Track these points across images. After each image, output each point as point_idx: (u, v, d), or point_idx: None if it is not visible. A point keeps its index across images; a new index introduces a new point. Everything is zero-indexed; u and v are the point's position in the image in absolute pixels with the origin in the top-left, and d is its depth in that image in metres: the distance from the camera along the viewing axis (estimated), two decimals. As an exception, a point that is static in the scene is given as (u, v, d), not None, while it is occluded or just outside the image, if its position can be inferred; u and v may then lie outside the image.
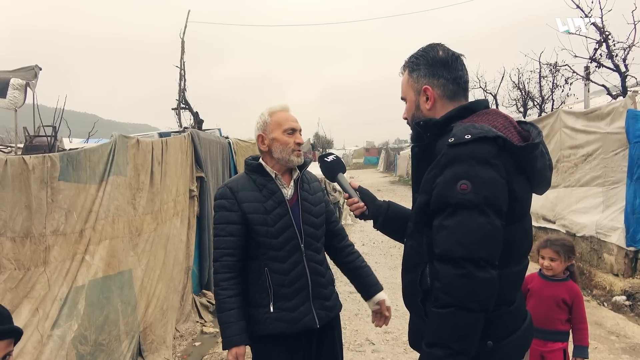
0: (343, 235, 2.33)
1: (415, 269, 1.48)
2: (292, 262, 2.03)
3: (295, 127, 2.09)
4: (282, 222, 2.03)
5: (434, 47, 1.55)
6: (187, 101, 7.91)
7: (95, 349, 3.13)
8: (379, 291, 2.24)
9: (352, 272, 2.28)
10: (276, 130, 2.08)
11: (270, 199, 2.04)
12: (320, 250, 2.17)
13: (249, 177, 2.10)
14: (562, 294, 2.64)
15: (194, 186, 5.13)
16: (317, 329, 2.07)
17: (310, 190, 2.18)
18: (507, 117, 1.48)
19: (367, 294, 2.25)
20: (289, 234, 2.03)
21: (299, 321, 2.02)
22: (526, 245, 1.50)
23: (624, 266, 5.65)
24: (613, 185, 5.88)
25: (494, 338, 1.39)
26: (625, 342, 4.26)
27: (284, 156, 2.06)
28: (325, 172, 1.93)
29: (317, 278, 2.10)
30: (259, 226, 2.00)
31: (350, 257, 2.29)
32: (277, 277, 2.01)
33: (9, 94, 4.26)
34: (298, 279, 2.04)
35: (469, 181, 1.29)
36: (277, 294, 2.00)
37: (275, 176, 2.09)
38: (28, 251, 2.70)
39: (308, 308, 2.04)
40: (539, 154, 1.42)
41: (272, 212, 2.02)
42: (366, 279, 2.26)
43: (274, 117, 2.10)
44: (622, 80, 6.89)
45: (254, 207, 2.01)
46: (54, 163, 2.85)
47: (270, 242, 2.01)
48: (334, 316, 2.18)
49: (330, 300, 2.15)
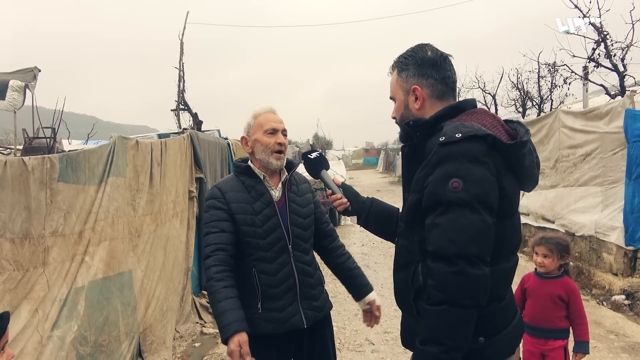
0: (334, 237, 2.33)
1: (407, 267, 1.50)
2: (280, 262, 2.04)
3: (276, 128, 2.10)
4: (270, 223, 2.04)
5: (423, 47, 1.57)
6: (186, 102, 7.92)
7: (95, 350, 3.13)
8: (369, 292, 2.26)
9: (343, 273, 2.29)
10: (258, 132, 2.10)
11: (258, 200, 2.05)
12: (309, 251, 2.18)
13: (238, 178, 2.12)
14: (558, 290, 2.65)
15: (194, 187, 5.13)
16: (306, 328, 2.07)
17: (298, 192, 2.19)
18: (495, 116, 1.51)
19: (358, 294, 2.26)
20: (277, 235, 2.04)
21: (287, 321, 2.02)
22: (515, 241, 1.51)
23: (623, 265, 5.66)
24: (612, 185, 5.89)
25: (486, 334, 1.41)
26: (624, 341, 4.27)
27: (264, 157, 2.08)
28: (308, 169, 1.94)
29: (305, 278, 2.10)
30: (246, 227, 2.01)
31: (341, 258, 2.30)
32: (265, 277, 2.02)
33: (8, 96, 4.27)
34: (286, 280, 2.04)
35: (460, 179, 1.31)
36: (265, 295, 2.01)
37: (263, 178, 2.10)
38: (27, 252, 2.70)
39: (296, 308, 2.05)
40: (527, 152, 1.44)
41: (260, 213, 2.04)
42: (357, 279, 2.27)
43: (257, 120, 2.12)
44: (620, 80, 6.90)
45: (242, 207, 2.03)
46: (53, 164, 2.85)
47: (258, 242, 2.02)
48: (323, 316, 2.18)
49: (319, 300, 2.16)
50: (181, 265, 4.75)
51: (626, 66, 6.90)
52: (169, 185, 4.41)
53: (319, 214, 2.27)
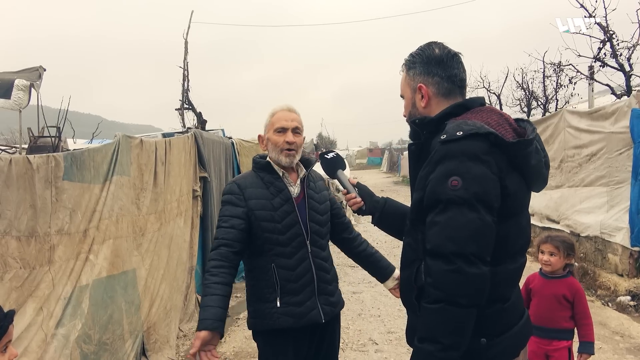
0: (351, 228, 2.41)
1: (411, 265, 1.50)
2: (298, 257, 2.08)
3: (285, 126, 2.11)
4: (289, 218, 2.07)
5: (431, 45, 1.57)
6: (190, 102, 7.93)
7: (99, 348, 3.14)
8: (393, 270, 2.33)
9: (366, 259, 2.36)
10: (270, 130, 2.14)
11: (277, 197, 2.09)
12: (325, 247, 2.22)
13: (257, 174, 2.14)
14: (563, 290, 2.64)
15: (198, 186, 5.14)
16: (322, 323, 2.10)
17: (316, 189, 2.23)
18: (502, 114, 1.49)
19: (383, 275, 2.33)
20: (296, 231, 2.08)
21: (305, 316, 2.06)
22: (522, 242, 1.50)
23: (628, 266, 5.63)
24: (617, 185, 5.85)
25: (488, 335, 1.40)
26: (629, 343, 4.24)
27: (275, 155, 2.12)
28: (325, 168, 1.98)
29: (323, 274, 2.15)
30: (266, 222, 2.04)
31: (361, 246, 2.37)
32: (284, 272, 2.05)
33: (13, 95, 4.29)
34: (304, 275, 2.08)
35: (459, 177, 1.31)
36: (284, 289, 2.04)
37: (282, 174, 2.13)
38: (33, 250, 2.71)
39: (314, 303, 2.09)
40: (534, 151, 1.42)
41: (279, 209, 2.07)
42: (380, 262, 2.35)
43: (272, 118, 2.16)
44: (626, 80, 6.85)
45: (261, 203, 2.06)
46: (58, 163, 2.86)
47: (277, 238, 2.05)
48: (338, 312, 2.23)
49: (335, 296, 2.21)
50: (185, 264, 4.76)
51: (632, 66, 6.86)
52: (173, 184, 4.42)
53: (337, 209, 2.33)
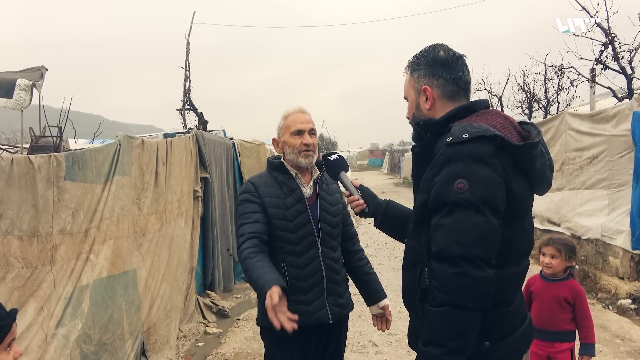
0: (356, 240, 2.40)
1: (415, 268, 1.49)
2: (309, 257, 2.10)
3: (302, 129, 2.13)
4: (301, 218, 2.10)
5: (436, 47, 1.57)
6: (192, 102, 7.92)
7: (99, 349, 3.14)
8: (383, 298, 2.32)
9: (361, 277, 2.34)
10: (286, 134, 2.16)
11: (290, 196, 2.11)
12: (336, 248, 2.23)
13: (271, 174, 2.18)
14: (564, 293, 2.64)
15: (198, 187, 5.15)
16: (329, 324, 2.11)
17: (328, 191, 2.25)
18: (507, 117, 1.49)
19: (372, 299, 2.32)
20: (307, 230, 2.10)
21: (313, 315, 2.07)
22: (526, 245, 1.49)
23: (629, 269, 5.62)
24: (619, 188, 5.85)
25: (492, 339, 1.39)
26: (630, 346, 4.23)
27: (293, 158, 2.14)
28: (328, 170, 1.98)
29: (332, 275, 2.16)
30: (278, 220, 2.07)
31: (360, 262, 2.36)
32: (294, 270, 2.07)
33: (15, 95, 4.29)
34: (314, 274, 2.10)
35: (465, 180, 1.30)
36: (293, 287, 2.05)
37: (295, 175, 2.16)
38: (35, 250, 2.72)
39: (322, 303, 2.10)
40: (538, 154, 1.42)
41: (291, 208, 2.09)
42: (373, 285, 2.33)
43: (285, 121, 2.18)
44: (628, 83, 6.84)
45: (274, 202, 2.09)
46: (60, 162, 2.87)
47: (289, 236, 2.07)
48: (346, 314, 2.24)
49: (344, 297, 2.21)
50: (185, 265, 4.76)
51: (634, 68, 6.84)
52: (174, 184, 4.42)
53: (346, 215, 2.34)
